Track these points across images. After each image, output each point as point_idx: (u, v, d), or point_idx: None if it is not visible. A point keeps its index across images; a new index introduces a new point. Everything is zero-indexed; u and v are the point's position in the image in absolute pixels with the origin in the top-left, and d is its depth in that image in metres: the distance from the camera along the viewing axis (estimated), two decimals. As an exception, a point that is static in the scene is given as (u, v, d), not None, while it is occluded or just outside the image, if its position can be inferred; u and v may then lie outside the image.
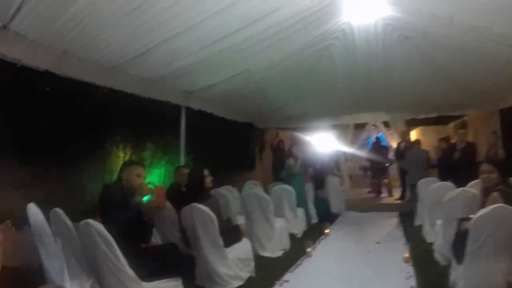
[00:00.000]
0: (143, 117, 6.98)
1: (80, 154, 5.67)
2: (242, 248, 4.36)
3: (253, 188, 6.82)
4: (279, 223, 5.72)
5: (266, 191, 7.29)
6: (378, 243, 5.97)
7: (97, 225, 2.89)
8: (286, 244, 5.74)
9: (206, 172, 4.38)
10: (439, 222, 4.85)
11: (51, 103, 5.06)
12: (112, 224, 2.95)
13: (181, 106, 6.61)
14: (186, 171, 4.90)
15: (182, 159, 7.12)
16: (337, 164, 9.48)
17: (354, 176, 11.68)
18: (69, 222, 3.09)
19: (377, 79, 7.07)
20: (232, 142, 9.59)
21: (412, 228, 6.96)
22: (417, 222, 7.11)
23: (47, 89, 5.04)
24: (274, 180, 9.16)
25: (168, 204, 4.34)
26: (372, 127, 12.38)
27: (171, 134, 7.38)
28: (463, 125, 10.83)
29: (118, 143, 6.81)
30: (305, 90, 7.82)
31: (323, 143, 10.13)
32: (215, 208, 4.19)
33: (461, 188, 4.32)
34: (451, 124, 12.42)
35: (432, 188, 5.61)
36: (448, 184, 5.53)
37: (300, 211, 7.02)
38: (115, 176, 6.92)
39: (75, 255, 3.11)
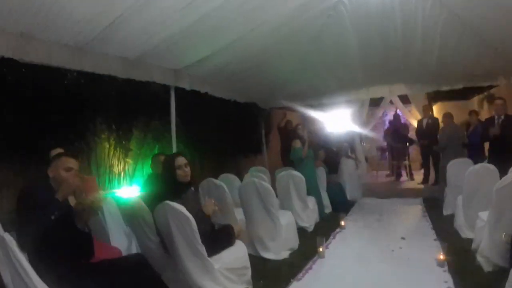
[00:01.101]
0: (126, 102, 6.16)
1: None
2: (235, 255, 3.48)
3: (256, 175, 5.91)
4: (285, 217, 4.83)
5: (274, 178, 6.49)
6: (403, 238, 5.04)
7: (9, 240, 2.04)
8: (294, 242, 4.86)
9: (180, 161, 3.46)
10: (483, 215, 3.89)
11: (16, 93, 4.47)
12: (27, 236, 2.10)
13: (170, 86, 5.78)
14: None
15: (174, 146, 6.25)
16: (351, 145, 8.54)
17: (371, 158, 10.66)
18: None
19: (395, 44, 5.96)
20: (234, 125, 8.69)
21: (441, 219, 6.02)
22: (447, 211, 6.17)
23: (9, 78, 4.45)
24: (283, 165, 8.34)
25: (140, 202, 3.49)
26: (389, 104, 11.32)
27: (163, 119, 6.51)
28: (491, 98, 9.74)
29: (100, 133, 6.04)
30: (312, 61, 6.76)
31: (335, 122, 9.17)
32: (194, 206, 3.31)
33: (516, 174, 3.31)
34: (475, 98, 11.28)
35: (471, 172, 4.63)
36: (491, 167, 4.54)
37: (311, 201, 6.12)
38: (103, 170, 6.31)
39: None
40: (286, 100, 9.03)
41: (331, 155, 8.29)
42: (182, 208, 3.15)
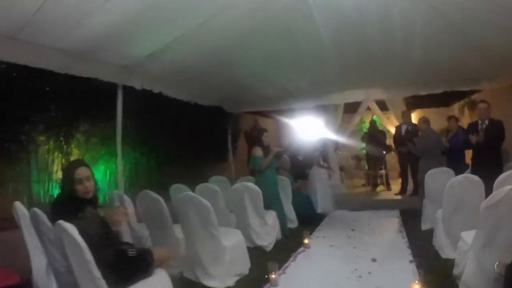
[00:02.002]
0: (66, 101, 5.35)
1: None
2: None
3: (206, 188, 5.11)
4: (231, 237, 4.03)
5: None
6: (374, 260, 4.29)
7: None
8: (242, 266, 4.05)
9: (81, 173, 2.66)
10: (466, 236, 3.18)
11: None
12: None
13: (118, 85, 5.16)
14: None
15: (119, 152, 5.45)
16: (324, 153, 7.77)
17: (346, 167, 9.98)
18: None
19: (372, 44, 5.39)
20: (196, 130, 7.87)
21: (419, 234, 5.33)
22: (425, 225, 5.49)
23: None
24: (250, 174, 7.53)
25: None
26: (366, 110, 10.67)
27: (111, 121, 5.69)
28: (473, 104, 9.21)
29: (37, 136, 5.20)
30: (281, 61, 6.12)
31: (306, 128, 8.46)
32: (94, 228, 2.50)
33: (510, 187, 2.58)
34: (455, 105, 10.75)
35: (453, 184, 3.92)
36: (475, 178, 3.83)
37: (271, 215, 5.35)
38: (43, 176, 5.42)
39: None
40: (254, 104, 8.38)
41: (300, 164, 7.60)
42: (74, 232, 2.35)
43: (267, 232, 5.06)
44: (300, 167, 7.70)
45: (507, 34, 4.67)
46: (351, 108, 10.60)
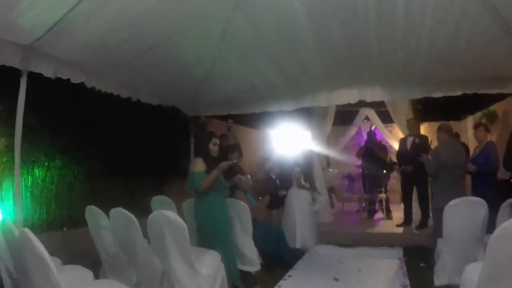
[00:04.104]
0: None
1: None
2: None
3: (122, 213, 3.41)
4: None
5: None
6: None
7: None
8: None
9: None
10: None
11: None
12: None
13: (21, 71, 3.67)
14: None
15: (17, 161, 3.73)
16: (307, 170, 6.06)
17: (336, 188, 8.23)
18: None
19: (366, 24, 4.05)
20: (143, 136, 6.23)
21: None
22: (440, 280, 3.70)
23: None
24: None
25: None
26: (364, 121, 9.00)
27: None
28: (492, 117, 7.54)
29: None
30: (248, 47, 4.71)
31: (285, 138, 6.78)
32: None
33: None
34: (469, 119, 8.98)
35: (506, 233, 2.12)
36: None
37: (210, 260, 3.59)
38: None
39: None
40: (217, 106, 6.70)
41: (272, 184, 5.90)
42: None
43: (200, 285, 3.30)
44: (272, 188, 5.97)
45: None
46: (346, 119, 9.03)
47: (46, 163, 5.01)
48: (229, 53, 4.91)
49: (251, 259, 4.43)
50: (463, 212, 3.28)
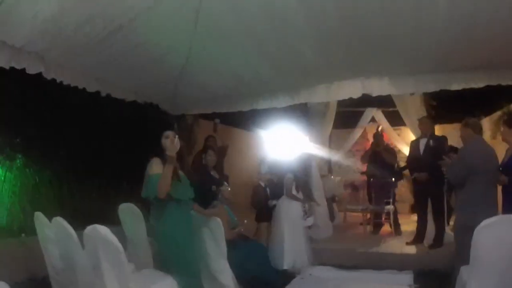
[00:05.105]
0: None
1: None
2: None
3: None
4: None
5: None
6: None
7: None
8: None
9: None
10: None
11: None
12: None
13: None
14: None
15: None
16: (302, 177, 5.19)
17: (338, 197, 7.28)
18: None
19: (373, 7, 3.40)
20: (115, 135, 5.49)
21: None
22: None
23: None
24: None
25: None
26: (370, 123, 8.10)
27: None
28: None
29: None
30: (230, 35, 4.02)
31: (276, 140, 5.95)
32: None
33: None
34: (485, 120, 7.92)
35: None
36: None
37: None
38: None
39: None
40: (202, 103, 5.91)
41: (261, 192, 5.07)
42: None
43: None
44: (261, 198, 5.11)
45: None
46: (350, 121, 8.16)
47: (7, 162, 4.39)
48: (207, 38, 4.15)
49: (226, 286, 3.55)
50: (502, 235, 2.36)
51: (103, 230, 2.47)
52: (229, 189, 4.28)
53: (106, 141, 5.43)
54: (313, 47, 4.20)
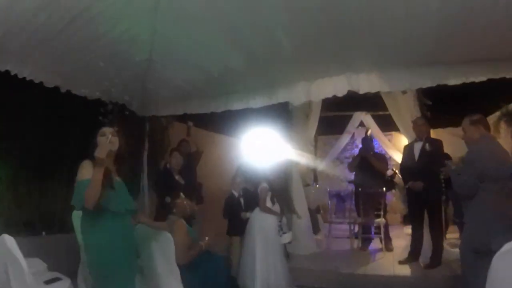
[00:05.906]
0: None
1: None
2: None
3: None
4: None
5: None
6: None
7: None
8: None
9: None
10: None
11: None
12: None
13: None
14: None
15: None
16: (278, 186, 4.58)
17: (324, 208, 6.63)
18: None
19: None
20: (81, 135, 4.98)
21: None
22: None
23: None
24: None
25: None
26: (359, 128, 7.54)
27: None
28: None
29: None
30: (202, 26, 3.52)
31: (260, 146, 5.36)
32: None
33: None
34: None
35: None
36: None
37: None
38: None
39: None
40: (172, 103, 5.35)
41: (233, 203, 4.45)
42: None
43: None
44: (234, 209, 4.49)
45: None
46: (337, 126, 7.61)
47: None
48: (170, 29, 3.64)
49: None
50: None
51: (10, 242, 2.51)
52: (186, 200, 3.64)
53: (63, 140, 4.89)
54: (293, 35, 3.62)
